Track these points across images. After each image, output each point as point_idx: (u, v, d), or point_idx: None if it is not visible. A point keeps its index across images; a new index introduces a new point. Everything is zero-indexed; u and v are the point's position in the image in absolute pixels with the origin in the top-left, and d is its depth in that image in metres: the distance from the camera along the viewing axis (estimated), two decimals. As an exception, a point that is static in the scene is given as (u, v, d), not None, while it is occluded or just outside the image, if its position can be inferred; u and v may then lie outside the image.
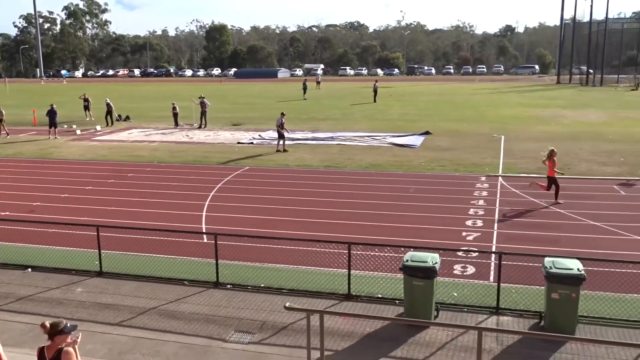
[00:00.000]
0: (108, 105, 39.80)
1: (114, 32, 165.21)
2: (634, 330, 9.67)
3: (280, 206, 17.75)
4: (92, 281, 12.08)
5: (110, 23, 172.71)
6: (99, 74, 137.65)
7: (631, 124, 36.09)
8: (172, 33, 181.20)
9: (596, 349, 9.03)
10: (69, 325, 6.36)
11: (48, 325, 6.30)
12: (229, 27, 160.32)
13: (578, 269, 9.40)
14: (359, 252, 12.33)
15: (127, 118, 42.18)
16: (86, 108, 43.11)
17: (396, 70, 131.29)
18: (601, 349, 9.04)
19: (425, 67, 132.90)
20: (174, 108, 38.19)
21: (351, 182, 21.06)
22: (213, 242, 11.70)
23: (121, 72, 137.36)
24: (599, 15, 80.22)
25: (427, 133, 32.60)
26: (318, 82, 76.39)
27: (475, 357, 7.99)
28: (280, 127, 27.65)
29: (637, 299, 10.59)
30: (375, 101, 54.00)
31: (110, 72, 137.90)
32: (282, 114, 28.25)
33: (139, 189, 20.30)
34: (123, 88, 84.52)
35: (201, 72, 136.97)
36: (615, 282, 10.98)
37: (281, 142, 27.80)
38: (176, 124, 38.04)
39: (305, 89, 60.77)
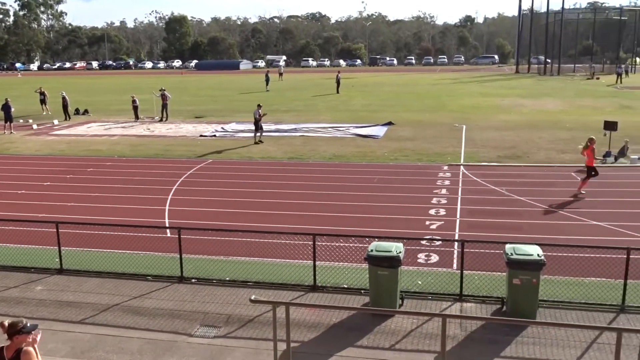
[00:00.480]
0: (64, 98, 38.92)
1: (70, 24, 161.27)
2: (592, 312, 9.93)
3: (244, 199, 17.65)
4: (53, 279, 11.82)
5: (66, 14, 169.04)
6: (56, 66, 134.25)
7: (587, 112, 36.95)
8: (130, 24, 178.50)
9: (556, 332, 9.25)
10: (28, 324, 6.21)
11: (7, 324, 6.13)
12: (189, 18, 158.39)
13: (538, 255, 9.59)
14: (324, 243, 12.35)
15: (86, 112, 41.32)
16: (42, 102, 42.05)
17: (358, 61, 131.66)
18: (561, 331, 9.26)
19: (387, 58, 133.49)
20: (134, 101, 37.55)
21: (315, 173, 21.07)
22: (177, 236, 11.56)
23: (78, 64, 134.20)
24: (555, 6, 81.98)
25: (389, 124, 32.80)
26: (281, 74, 76.08)
27: (440, 344, 8.10)
28: (257, 119, 27.50)
29: (595, 282, 10.87)
30: (338, 92, 54.08)
31: (67, 64, 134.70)
32: (259, 106, 28.04)
33: (99, 184, 19.92)
34: (81, 81, 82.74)
35: (161, 64, 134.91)
36: (574, 267, 11.25)
37: (258, 133, 27.70)
38: (136, 117, 37.44)
39: (267, 80, 60.46)
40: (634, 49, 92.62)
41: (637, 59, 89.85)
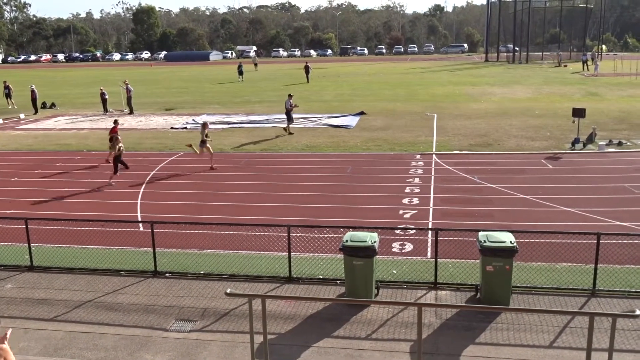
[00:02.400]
0: (33, 92, 38.11)
1: (34, 15, 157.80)
2: (564, 297, 10.10)
3: (217, 191, 17.53)
4: (23, 276, 11.60)
5: (30, 6, 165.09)
6: (20, 59, 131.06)
7: (556, 100, 37.49)
8: (97, 15, 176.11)
9: (530, 317, 9.39)
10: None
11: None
12: (157, 9, 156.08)
13: (510, 242, 9.71)
14: (298, 235, 12.35)
15: (53, 105, 40.54)
16: (7, 96, 41.05)
17: (329, 51, 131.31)
18: (534, 317, 9.41)
19: (358, 48, 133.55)
20: (103, 94, 36.94)
21: (288, 164, 21.02)
22: (150, 230, 11.43)
23: (44, 57, 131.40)
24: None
25: (361, 113, 32.85)
26: (256, 64, 75.58)
27: (416, 332, 8.16)
28: (289, 109, 27.14)
29: (566, 267, 11.06)
30: (308, 81, 53.96)
31: (33, 57, 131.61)
32: (290, 96, 27.75)
33: (69, 178, 19.59)
34: (47, 74, 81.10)
35: (130, 56, 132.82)
36: (546, 253, 11.44)
37: (289, 124, 27.32)
38: (105, 110, 36.86)
39: (241, 72, 59.88)
40: (600, 36, 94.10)
41: (603, 46, 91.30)
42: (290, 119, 27.40)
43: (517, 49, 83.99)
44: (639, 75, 52.19)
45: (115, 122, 22.66)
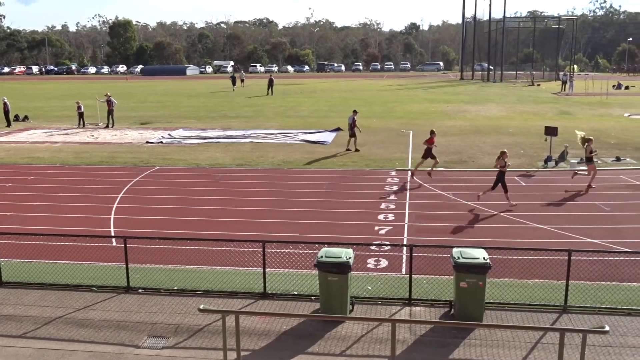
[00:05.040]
0: (5, 104, 37.59)
1: (8, 27, 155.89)
2: (536, 313, 10.20)
3: (192, 206, 17.42)
4: (-9, 292, 11.36)
5: (4, 17, 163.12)
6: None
7: (529, 118, 38.09)
8: (72, 28, 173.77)
9: (502, 333, 9.46)
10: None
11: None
12: (134, 22, 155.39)
13: (484, 258, 9.79)
14: (273, 250, 12.30)
15: (26, 118, 40.01)
16: (-21, 108, 40.44)
17: (306, 67, 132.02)
18: (507, 333, 9.48)
19: (335, 64, 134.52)
20: (79, 107, 36.57)
21: (264, 179, 20.98)
22: (122, 245, 11.29)
23: (18, 69, 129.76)
24: (497, 14, 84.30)
25: (338, 129, 32.97)
26: (242, 80, 74.97)
27: (390, 348, 8.16)
28: (352, 125, 26.30)
29: (538, 283, 11.19)
30: (270, 94, 57.26)
31: (6, 69, 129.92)
32: (354, 112, 26.92)
33: (41, 192, 19.29)
34: (20, 86, 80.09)
35: (105, 69, 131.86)
36: (519, 269, 11.55)
37: (354, 140, 26.38)
38: (81, 123, 36.47)
39: (234, 80, 67.80)
40: (572, 56, 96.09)
41: (575, 66, 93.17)
42: (353, 135, 26.31)
43: (491, 67, 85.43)
44: (609, 95, 53.38)
45: (432, 132, 20.94)
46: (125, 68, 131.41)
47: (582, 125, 33.36)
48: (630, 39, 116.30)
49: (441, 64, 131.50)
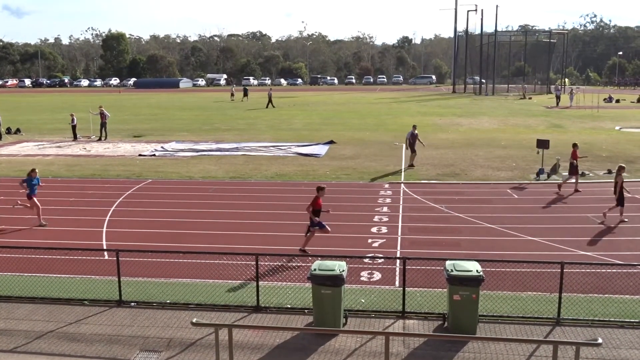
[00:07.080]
0: (-4, 117, 37.49)
1: (1, 40, 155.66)
2: (529, 326, 10.21)
3: (185, 219, 17.37)
4: (-18, 306, 11.26)
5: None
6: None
7: (521, 131, 38.30)
8: (65, 41, 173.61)
9: (496, 346, 9.45)
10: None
11: None
12: (128, 35, 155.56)
13: (477, 271, 9.81)
14: (267, 263, 12.29)
15: (18, 131, 39.87)
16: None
17: (299, 80, 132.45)
18: (500, 345, 9.47)
19: (328, 77, 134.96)
20: (73, 120, 36.47)
21: (257, 192, 20.96)
22: (115, 258, 11.24)
23: (10, 82, 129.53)
24: (489, 28, 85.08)
25: (331, 142, 33.05)
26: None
27: (383, 362, 8.13)
28: (411, 141, 25.75)
29: (531, 296, 11.20)
30: (270, 107, 57.29)
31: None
32: (414, 127, 26.48)
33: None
34: (12, 99, 79.90)
35: (98, 82, 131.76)
36: (512, 282, 11.57)
37: (413, 155, 25.74)
38: (75, 136, 36.34)
39: (246, 92, 71.86)
40: (563, 70, 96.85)
41: (566, 80, 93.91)
42: (414, 151, 25.78)
43: (483, 81, 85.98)
44: (600, 108, 53.78)
45: (575, 145, 20.47)
46: (118, 81, 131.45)
47: (574, 138, 33.59)
48: (620, 53, 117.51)
49: (433, 77, 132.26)
